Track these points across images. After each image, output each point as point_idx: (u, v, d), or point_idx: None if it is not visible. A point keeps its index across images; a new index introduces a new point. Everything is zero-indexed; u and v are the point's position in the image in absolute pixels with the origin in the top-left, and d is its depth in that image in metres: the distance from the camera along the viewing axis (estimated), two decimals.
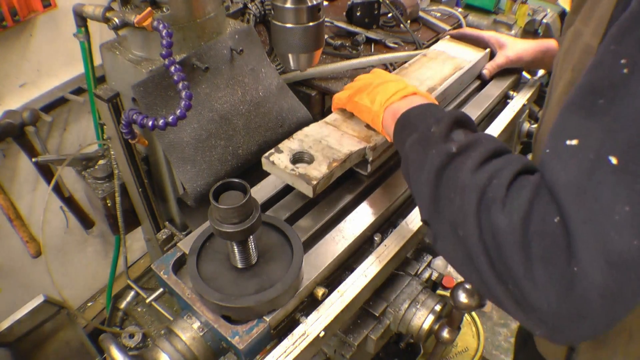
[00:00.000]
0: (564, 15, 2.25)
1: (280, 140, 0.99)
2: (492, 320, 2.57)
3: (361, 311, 0.96)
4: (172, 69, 0.94)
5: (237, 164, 1.13)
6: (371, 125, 0.97)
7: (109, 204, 1.37)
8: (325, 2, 1.71)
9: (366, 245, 0.97)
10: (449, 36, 1.42)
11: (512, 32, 2.09)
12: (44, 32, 1.48)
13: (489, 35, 1.37)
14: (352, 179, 1.05)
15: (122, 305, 1.88)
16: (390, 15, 1.84)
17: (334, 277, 0.91)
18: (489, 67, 1.35)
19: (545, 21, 2.23)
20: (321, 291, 0.84)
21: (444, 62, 1.28)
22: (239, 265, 0.80)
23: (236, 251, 0.78)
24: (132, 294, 1.88)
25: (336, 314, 0.81)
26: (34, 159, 1.43)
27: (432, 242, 0.70)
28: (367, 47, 1.73)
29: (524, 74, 1.43)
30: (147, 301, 0.90)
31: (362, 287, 0.85)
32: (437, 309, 0.95)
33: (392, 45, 1.73)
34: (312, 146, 0.96)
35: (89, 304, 2.11)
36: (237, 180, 0.72)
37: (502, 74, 1.39)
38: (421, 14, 1.91)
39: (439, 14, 1.98)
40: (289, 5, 1.12)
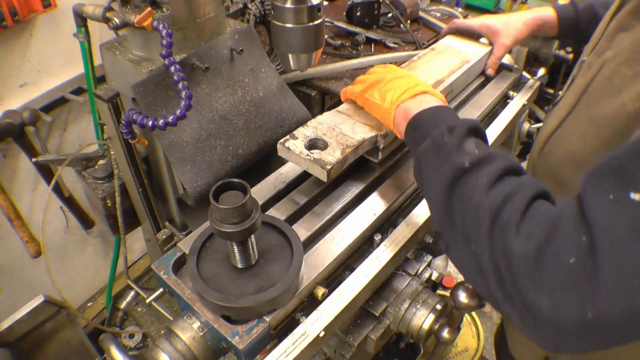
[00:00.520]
0: None
1: (281, 139, 0.99)
2: (492, 320, 2.57)
3: (361, 311, 0.96)
4: (172, 69, 0.94)
5: (237, 164, 1.13)
6: (381, 121, 0.98)
7: (109, 204, 1.37)
8: (325, 2, 1.71)
9: (366, 245, 0.97)
10: (448, 34, 1.42)
11: None
12: (44, 32, 1.48)
13: (479, 25, 1.33)
14: (350, 180, 1.05)
15: (122, 305, 1.88)
16: (390, 15, 1.84)
17: (334, 277, 0.91)
18: (491, 65, 1.33)
19: None
20: (321, 291, 0.84)
21: (452, 56, 1.29)
22: (239, 265, 0.80)
23: (236, 251, 0.78)
24: (132, 294, 1.88)
25: (336, 314, 0.81)
26: (34, 159, 1.42)
27: (443, 249, 0.71)
28: (367, 47, 1.73)
29: (524, 74, 1.43)
30: (147, 301, 0.90)
31: (362, 287, 0.85)
32: (437, 309, 0.95)
33: (392, 45, 1.73)
34: (325, 133, 0.98)
35: (89, 304, 2.11)
36: (237, 180, 0.72)
37: (502, 74, 1.39)
38: (421, 14, 1.91)
39: (439, 14, 1.98)
40: (289, 5, 1.12)
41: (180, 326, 0.80)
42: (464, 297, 0.89)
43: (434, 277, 1.12)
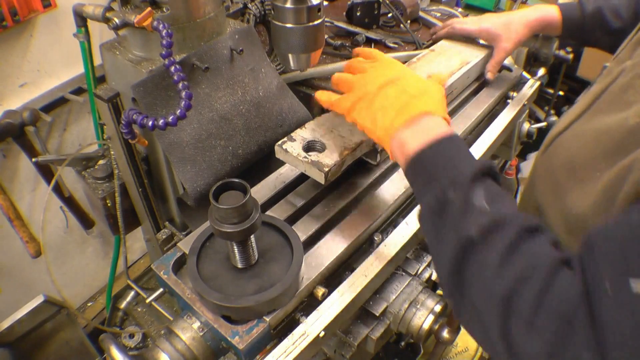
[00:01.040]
0: None
1: (280, 140, 0.99)
2: None
3: (361, 311, 0.96)
4: (172, 69, 0.94)
5: (237, 164, 1.13)
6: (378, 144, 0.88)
7: (109, 204, 1.37)
8: (325, 2, 1.71)
9: (366, 245, 0.97)
10: (444, 39, 1.39)
11: None
12: (44, 32, 1.48)
13: (477, 30, 1.29)
14: (350, 181, 1.05)
15: (122, 305, 1.88)
16: (390, 15, 1.84)
17: (334, 277, 0.91)
18: (490, 69, 1.30)
19: None
20: (321, 291, 0.84)
21: (451, 57, 1.29)
22: (239, 265, 0.80)
23: (236, 251, 0.78)
24: (132, 294, 1.88)
25: (336, 314, 0.81)
26: (34, 159, 1.42)
27: (455, 315, 0.68)
28: (367, 47, 1.73)
29: (524, 74, 1.43)
30: (147, 301, 0.90)
31: (362, 287, 0.85)
32: (437, 309, 0.95)
33: (392, 45, 1.73)
34: (324, 135, 0.98)
35: (89, 304, 2.11)
36: (237, 180, 0.72)
37: (502, 74, 1.39)
38: (421, 14, 1.91)
39: (439, 14, 1.98)
40: (289, 5, 1.11)
41: (180, 326, 0.80)
42: None
43: (434, 277, 1.12)
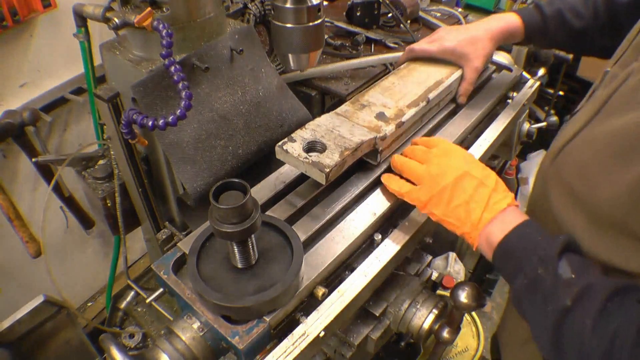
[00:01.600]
0: None
1: (280, 140, 0.99)
2: (492, 320, 2.57)
3: (361, 311, 0.96)
4: (172, 69, 0.94)
5: (237, 164, 1.13)
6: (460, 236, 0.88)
7: (109, 204, 1.37)
8: (325, 2, 1.71)
9: (366, 245, 0.97)
10: (405, 62, 1.25)
11: None
12: (44, 32, 1.48)
13: (441, 50, 1.18)
14: (350, 181, 1.05)
15: (122, 305, 1.88)
16: (390, 15, 1.84)
17: (334, 277, 0.91)
18: (463, 92, 1.21)
19: None
20: (321, 291, 0.84)
21: (419, 82, 1.17)
22: (239, 265, 0.80)
23: (236, 251, 0.78)
24: (132, 294, 1.88)
25: (336, 314, 0.81)
26: (34, 159, 1.43)
27: None
28: (367, 47, 1.73)
29: (524, 74, 1.43)
30: (147, 301, 0.90)
31: (362, 287, 0.85)
32: (437, 309, 0.95)
33: (392, 45, 1.73)
34: (324, 135, 0.97)
35: (89, 304, 2.11)
36: (237, 180, 0.72)
37: (502, 74, 1.39)
38: (421, 14, 1.92)
39: (439, 14, 1.98)
40: (289, 5, 1.12)
41: (180, 326, 0.80)
42: (464, 297, 0.89)
43: (434, 277, 1.12)
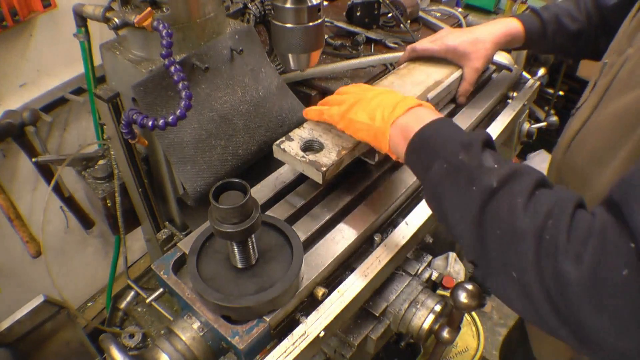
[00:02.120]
0: None
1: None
2: (492, 320, 2.57)
3: (361, 311, 0.96)
4: (172, 69, 0.94)
5: (237, 164, 1.13)
6: (372, 144, 0.89)
7: (109, 204, 1.37)
8: (325, 2, 1.71)
9: (366, 245, 0.97)
10: (407, 61, 1.25)
11: None
12: (44, 32, 1.48)
13: (443, 49, 1.19)
14: (349, 181, 1.05)
15: (122, 305, 1.88)
16: (390, 15, 1.84)
17: (334, 277, 0.91)
18: (463, 92, 1.22)
19: None
20: (321, 291, 0.84)
21: (420, 81, 1.17)
22: (239, 265, 0.80)
23: (236, 251, 0.78)
24: (132, 294, 1.88)
25: (336, 314, 0.81)
26: (34, 159, 1.42)
27: (480, 279, 0.68)
28: (367, 47, 1.73)
29: (524, 74, 1.43)
30: (147, 301, 0.90)
31: (362, 287, 0.85)
32: (437, 309, 0.95)
33: (392, 45, 1.73)
34: (321, 135, 0.97)
35: (89, 304, 2.11)
36: (237, 180, 0.72)
37: (502, 74, 1.39)
38: (421, 14, 1.92)
39: (439, 14, 1.98)
40: (289, 5, 1.11)
41: (180, 326, 0.80)
42: (464, 297, 0.89)
43: (434, 277, 1.12)
